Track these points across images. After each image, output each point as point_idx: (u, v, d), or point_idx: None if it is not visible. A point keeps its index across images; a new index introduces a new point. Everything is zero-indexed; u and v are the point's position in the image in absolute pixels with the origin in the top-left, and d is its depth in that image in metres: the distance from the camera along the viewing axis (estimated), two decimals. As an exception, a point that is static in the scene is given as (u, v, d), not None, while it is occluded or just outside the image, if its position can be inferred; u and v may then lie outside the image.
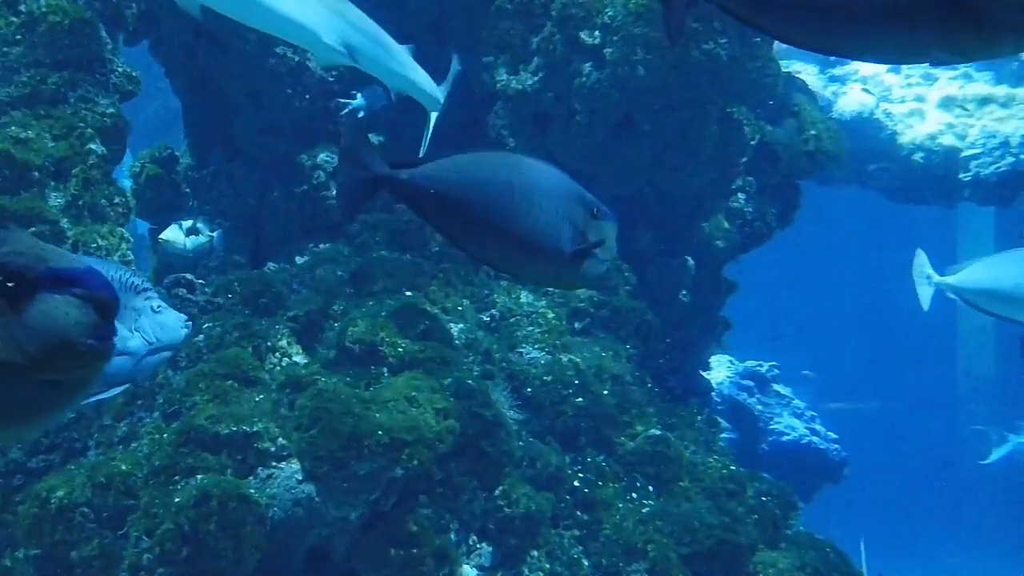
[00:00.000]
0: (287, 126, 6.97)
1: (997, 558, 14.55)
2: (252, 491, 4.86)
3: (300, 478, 4.96)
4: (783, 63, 8.72)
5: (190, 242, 6.95)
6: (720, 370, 10.05)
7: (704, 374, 8.29)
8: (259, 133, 7.00)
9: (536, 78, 6.85)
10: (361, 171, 3.06)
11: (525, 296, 6.47)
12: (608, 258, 3.15)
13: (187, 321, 3.90)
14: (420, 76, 6.20)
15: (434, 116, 6.43)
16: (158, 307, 3.77)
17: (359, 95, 6.91)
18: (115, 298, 1.85)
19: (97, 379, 1.89)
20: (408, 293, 6.12)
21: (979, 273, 4.87)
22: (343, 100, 6.91)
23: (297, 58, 6.83)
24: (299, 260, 6.71)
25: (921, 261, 5.20)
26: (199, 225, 7.02)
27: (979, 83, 10.74)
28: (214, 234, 7.02)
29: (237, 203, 7.08)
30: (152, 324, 3.74)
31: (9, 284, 1.77)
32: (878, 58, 2.22)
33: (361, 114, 6.91)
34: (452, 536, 5.28)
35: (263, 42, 6.69)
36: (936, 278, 5.04)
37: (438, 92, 6.39)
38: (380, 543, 5.10)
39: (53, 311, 1.77)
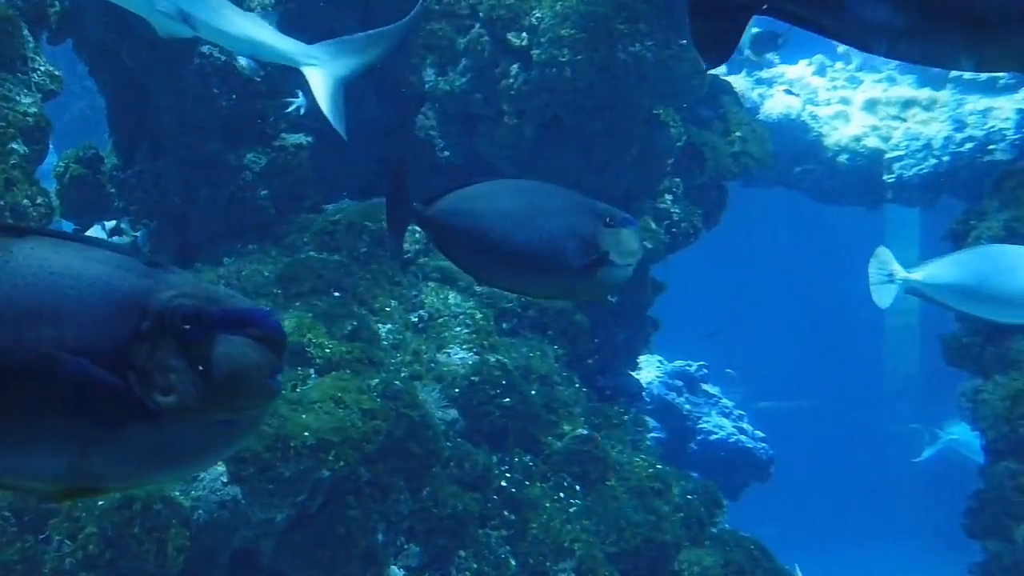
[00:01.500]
0: (214, 126, 6.91)
1: (926, 552, 14.79)
2: (176, 493, 4.82)
3: (225, 480, 4.93)
4: (710, 65, 8.78)
5: (114, 243, 6.88)
6: (649, 370, 10.10)
7: (633, 374, 8.34)
8: (185, 133, 6.94)
9: (464, 79, 6.87)
10: (400, 210, 3.32)
11: (453, 297, 6.47)
12: (630, 262, 3.27)
13: None
14: (271, 39, 5.91)
15: (314, 72, 5.99)
16: None
17: (300, 94, 6.87)
18: (286, 337, 1.87)
19: (264, 417, 1.89)
20: (336, 294, 6.11)
21: (944, 270, 4.95)
22: (289, 100, 6.86)
23: (223, 58, 6.78)
24: (226, 261, 6.66)
25: (884, 259, 5.26)
26: (123, 226, 6.95)
27: (902, 86, 10.90)
28: (138, 234, 6.95)
29: (163, 203, 7.01)
30: None
31: (185, 327, 1.78)
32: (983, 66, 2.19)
33: (302, 111, 6.85)
34: (379, 537, 5.28)
35: (189, 42, 6.63)
36: (901, 275, 5.11)
37: (312, 50, 6.00)
38: (307, 544, 5.08)
39: (233, 353, 1.79)
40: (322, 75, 5.92)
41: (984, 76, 10.33)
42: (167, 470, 1.90)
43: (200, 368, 1.78)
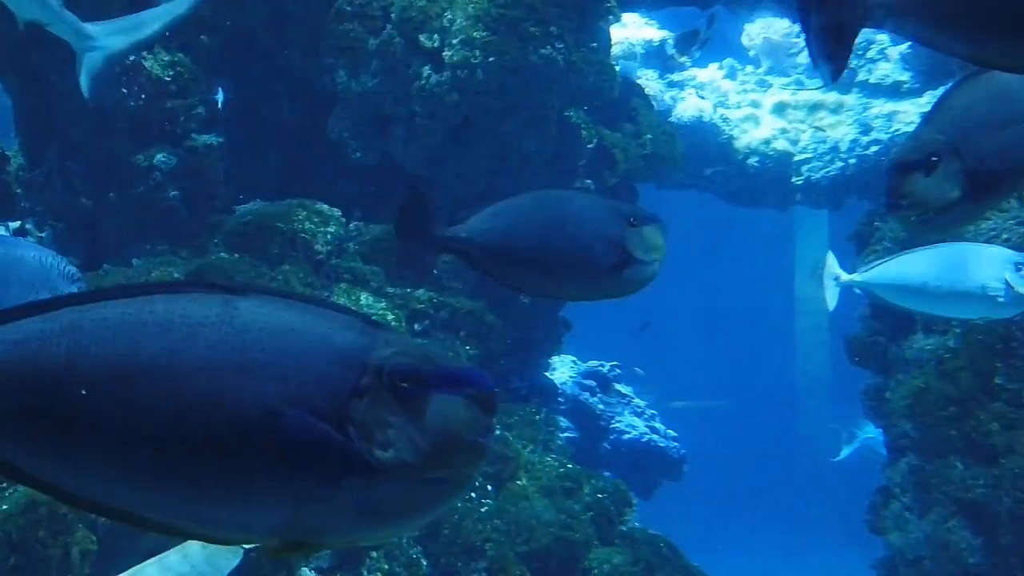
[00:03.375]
0: (123, 126, 6.84)
1: (833, 548, 15.02)
2: (83, 497, 4.77)
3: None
4: (621, 67, 8.87)
5: (19, 244, 6.78)
6: (563, 370, 10.16)
7: (547, 374, 8.39)
8: (94, 133, 6.87)
9: (376, 80, 6.87)
10: (424, 235, 3.43)
11: (365, 298, 6.47)
12: (656, 258, 3.43)
13: None
14: (58, 6, 5.65)
15: (87, 57, 5.76)
16: None
17: (220, 90, 6.83)
18: (498, 398, 1.90)
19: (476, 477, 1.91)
20: (247, 295, 6.07)
21: (889, 270, 5.08)
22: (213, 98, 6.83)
23: (132, 57, 6.72)
24: (135, 262, 6.61)
25: (830, 262, 5.42)
26: (28, 226, 6.85)
27: (810, 90, 11.09)
28: (43, 235, 6.86)
29: (71, 204, 6.93)
30: None
31: (403, 385, 1.81)
32: None
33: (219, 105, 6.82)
34: (289, 539, 5.26)
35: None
36: (844, 277, 5.25)
37: (87, 27, 5.75)
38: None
39: (448, 411, 1.82)
40: (95, 52, 5.79)
41: (889, 80, 10.55)
42: (381, 527, 1.93)
43: (417, 425, 1.81)
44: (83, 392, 1.79)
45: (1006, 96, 2.90)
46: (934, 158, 2.85)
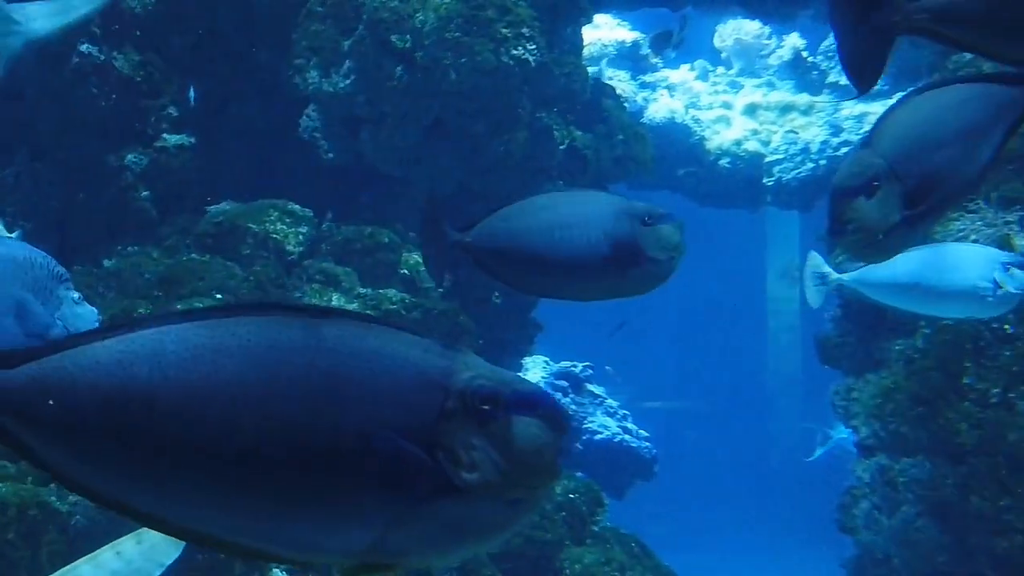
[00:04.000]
0: (93, 126, 6.82)
1: (803, 548, 15.07)
2: (53, 499, 4.76)
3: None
4: (593, 69, 8.90)
5: (-13, 244, 6.74)
6: (535, 371, 10.20)
7: (520, 375, 8.38)
8: (64, 133, 6.84)
9: (348, 81, 6.87)
10: (442, 239, 3.56)
11: (337, 299, 6.47)
12: (673, 255, 3.48)
13: (99, 316, 3.85)
14: None
15: (7, 39, 5.69)
16: (78, 299, 3.71)
17: (191, 90, 6.81)
18: (570, 421, 1.95)
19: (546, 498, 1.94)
20: (218, 296, 6.06)
21: (878, 270, 5.14)
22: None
23: (103, 57, 6.71)
24: (106, 263, 6.58)
25: (815, 262, 5.46)
26: (-2, 226, 6.82)
27: (781, 91, 11.15)
28: (13, 235, 6.82)
29: (41, 205, 6.90)
30: (72, 315, 3.67)
31: (484, 407, 1.83)
32: None
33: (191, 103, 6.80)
34: (261, 540, 5.25)
35: (68, 40, 6.54)
36: (834, 276, 5.30)
37: (21, 14, 5.69)
38: (186, 547, 5.04)
39: (526, 433, 1.84)
40: (15, 36, 5.72)
41: (859, 82, 10.59)
42: (462, 547, 1.95)
43: (499, 447, 1.84)
44: (170, 417, 1.79)
45: (940, 118, 2.95)
46: (875, 182, 2.87)
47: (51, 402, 1.79)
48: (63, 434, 1.81)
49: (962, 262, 5.02)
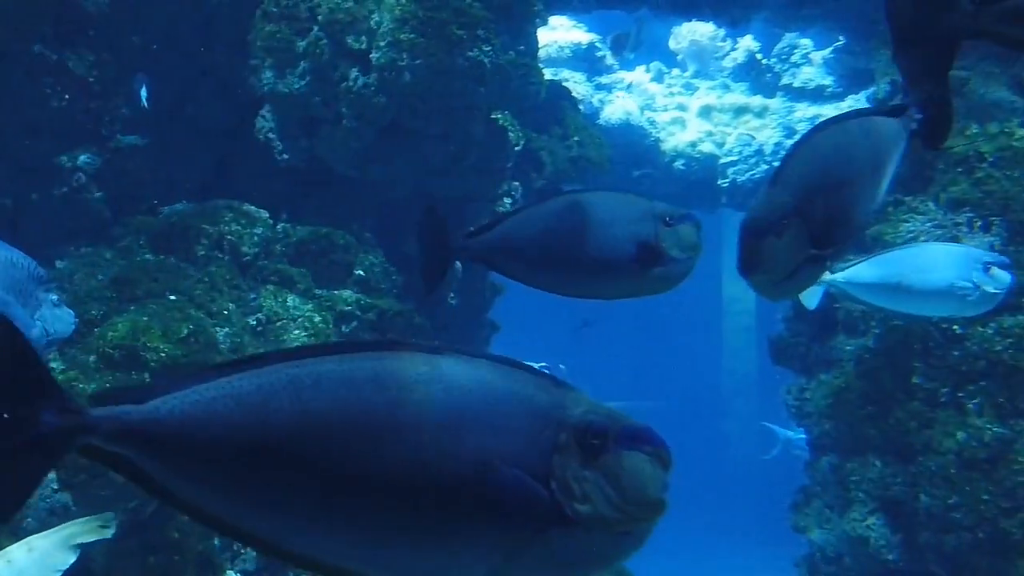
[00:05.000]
0: (46, 126, 6.77)
1: (757, 547, 15.16)
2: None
3: (55, 487, 4.86)
4: (550, 71, 8.93)
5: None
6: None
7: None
8: (16, 134, 6.79)
9: (303, 82, 6.86)
10: (439, 248, 3.60)
11: (292, 300, 6.46)
12: (691, 255, 3.54)
13: (75, 319, 3.85)
14: None
15: None
16: (57, 301, 3.70)
17: (144, 85, 6.78)
18: (672, 456, 1.98)
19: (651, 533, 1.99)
20: (172, 297, 6.04)
21: (863, 270, 5.20)
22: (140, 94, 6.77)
23: (56, 57, 6.66)
24: (59, 264, 6.54)
25: None
26: (-51, 228, 6.76)
27: (736, 93, 11.22)
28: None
29: (-7, 205, 6.85)
30: (51, 317, 3.66)
31: (595, 441, 1.90)
32: None
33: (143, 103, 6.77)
34: (216, 542, 5.25)
35: (22, 39, 6.50)
36: (825, 276, 5.36)
37: None
38: (140, 551, 5.03)
39: (635, 467, 1.92)
40: None
41: (813, 85, 10.70)
42: None
43: (610, 480, 1.91)
44: (307, 447, 1.86)
45: (841, 157, 3.02)
46: (785, 221, 2.91)
47: (191, 435, 1.86)
48: (198, 466, 1.87)
49: (944, 263, 5.13)
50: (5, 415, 1.81)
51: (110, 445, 1.85)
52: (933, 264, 5.14)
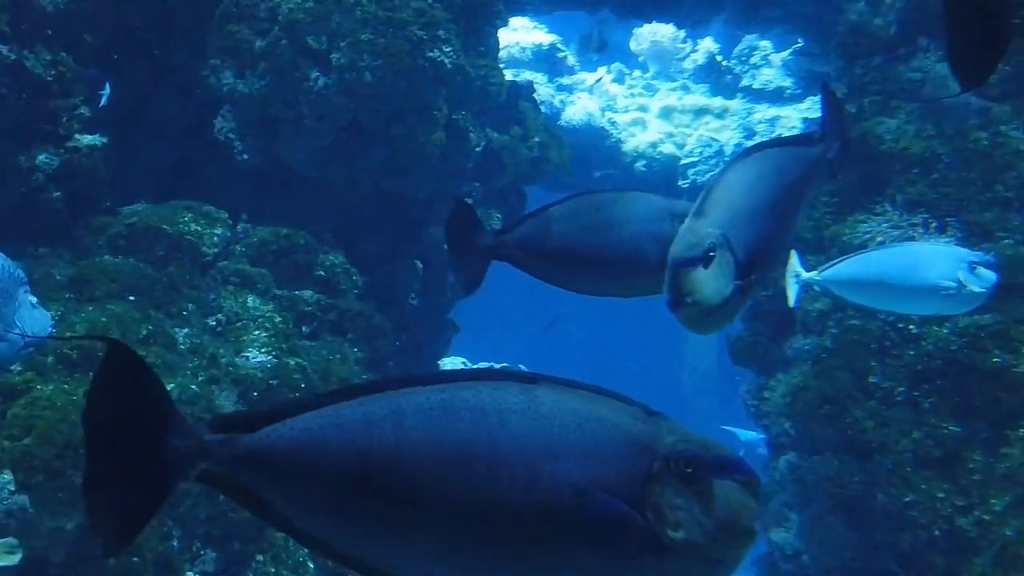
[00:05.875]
0: (3, 126, 6.72)
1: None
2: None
3: (12, 489, 4.83)
4: (511, 72, 8.95)
5: None
6: (453, 372, 10.22)
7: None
8: (-27, 133, 6.74)
9: (263, 82, 6.84)
10: (472, 245, 3.64)
11: (252, 300, 6.45)
12: None
13: (52, 321, 3.85)
14: None
15: None
16: (35, 303, 3.69)
17: (108, 84, 6.73)
18: (761, 483, 1.99)
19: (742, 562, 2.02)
20: (131, 298, 6.02)
21: (847, 268, 5.23)
22: (101, 93, 6.72)
23: (13, 56, 6.61)
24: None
25: (792, 262, 5.55)
26: (-95, 228, 6.70)
27: (696, 95, 11.28)
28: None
29: (-51, 205, 6.80)
30: (29, 318, 3.65)
31: (687, 470, 1.92)
32: None
33: (104, 102, 6.72)
34: (175, 543, 5.23)
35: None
36: (804, 275, 5.38)
37: None
38: (99, 553, 5.00)
39: (726, 496, 1.94)
40: None
41: (772, 86, 10.77)
42: None
43: (703, 508, 1.93)
44: (411, 475, 1.91)
45: (763, 187, 3.07)
46: (711, 253, 2.94)
47: (298, 462, 1.92)
48: (305, 493, 1.93)
49: (929, 261, 5.17)
50: (132, 440, 1.88)
51: (225, 471, 1.92)
52: (918, 263, 5.19)
